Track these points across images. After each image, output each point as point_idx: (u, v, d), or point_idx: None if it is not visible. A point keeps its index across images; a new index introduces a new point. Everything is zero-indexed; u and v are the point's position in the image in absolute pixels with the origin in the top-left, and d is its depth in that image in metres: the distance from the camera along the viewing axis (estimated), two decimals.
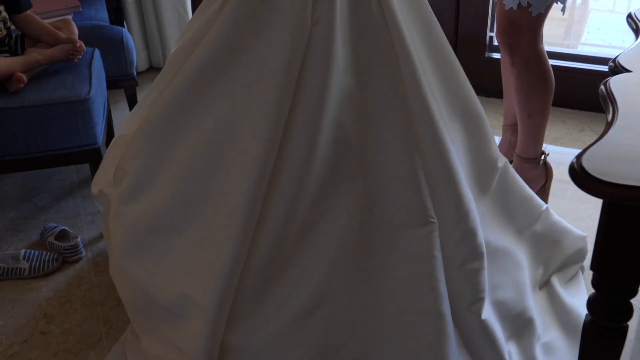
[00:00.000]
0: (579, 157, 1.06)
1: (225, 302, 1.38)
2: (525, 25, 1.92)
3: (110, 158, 1.72)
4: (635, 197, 0.99)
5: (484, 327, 1.47)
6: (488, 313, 1.48)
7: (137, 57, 3.00)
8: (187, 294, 1.42)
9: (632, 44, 1.39)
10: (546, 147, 2.53)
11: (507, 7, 1.91)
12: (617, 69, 1.30)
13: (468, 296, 1.46)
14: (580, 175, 1.03)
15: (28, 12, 2.10)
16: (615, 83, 1.23)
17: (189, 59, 1.46)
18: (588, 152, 1.06)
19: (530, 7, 1.87)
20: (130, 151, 1.55)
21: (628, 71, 1.29)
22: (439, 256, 1.41)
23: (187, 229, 1.45)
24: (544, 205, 1.84)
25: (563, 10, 1.94)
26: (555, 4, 1.90)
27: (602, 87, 1.24)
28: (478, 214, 1.48)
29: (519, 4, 1.87)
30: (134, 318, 1.58)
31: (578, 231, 1.92)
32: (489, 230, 1.56)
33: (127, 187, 1.54)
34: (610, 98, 1.19)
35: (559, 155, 2.53)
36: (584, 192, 1.02)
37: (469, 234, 1.44)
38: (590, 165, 1.03)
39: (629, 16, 1.51)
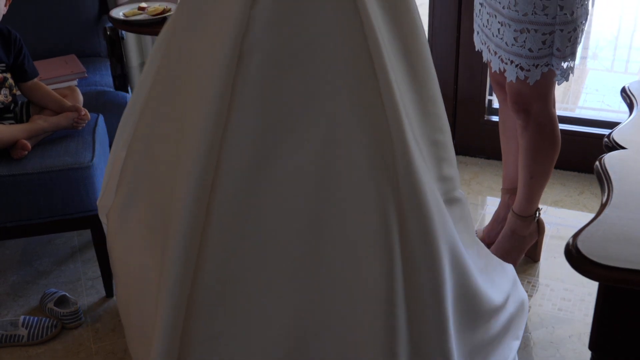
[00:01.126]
0: (574, 237, 1.07)
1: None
2: (534, 93, 1.94)
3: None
4: (632, 281, 0.99)
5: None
6: None
7: None
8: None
9: (627, 119, 1.42)
10: (546, 209, 2.55)
11: (507, 80, 1.94)
12: (611, 145, 1.32)
13: None
14: (575, 258, 1.03)
15: (35, 79, 2.14)
16: (610, 160, 1.25)
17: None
18: (583, 233, 1.07)
19: (527, 79, 1.90)
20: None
21: (623, 148, 1.30)
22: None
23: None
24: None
25: (558, 81, 1.96)
26: (553, 69, 1.90)
27: (597, 164, 1.26)
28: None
29: (517, 77, 1.91)
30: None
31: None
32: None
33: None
34: (605, 176, 1.20)
35: (559, 218, 2.54)
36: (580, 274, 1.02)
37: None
38: (585, 247, 1.04)
39: (623, 90, 1.53)
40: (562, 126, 2.75)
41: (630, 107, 1.47)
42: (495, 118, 2.86)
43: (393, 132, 1.35)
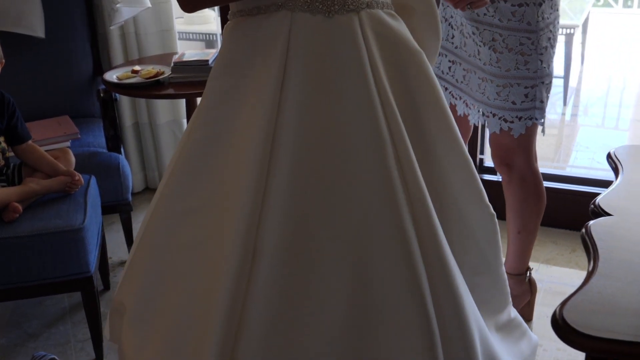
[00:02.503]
0: (561, 307, 1.07)
1: None
2: (517, 146, 1.97)
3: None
4: (617, 351, 0.99)
5: None
6: None
7: (133, 178, 3.05)
8: None
9: (613, 185, 1.43)
10: (538, 267, 2.54)
11: (490, 131, 1.98)
12: (597, 211, 1.33)
13: None
14: (562, 328, 1.03)
15: (29, 142, 2.16)
16: (596, 228, 1.25)
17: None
18: (570, 302, 1.07)
19: (511, 131, 1.93)
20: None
21: (609, 214, 1.31)
22: None
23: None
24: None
25: (543, 131, 2.00)
26: (535, 122, 1.94)
27: (583, 231, 1.26)
28: None
29: (501, 129, 1.94)
30: None
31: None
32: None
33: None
34: (591, 244, 1.21)
35: (552, 276, 2.53)
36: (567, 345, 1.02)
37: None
38: (571, 317, 1.03)
39: (609, 156, 1.55)
40: (553, 184, 2.80)
41: (616, 172, 1.48)
42: (487, 176, 2.88)
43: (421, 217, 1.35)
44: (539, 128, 1.99)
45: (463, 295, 1.36)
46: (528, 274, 2.19)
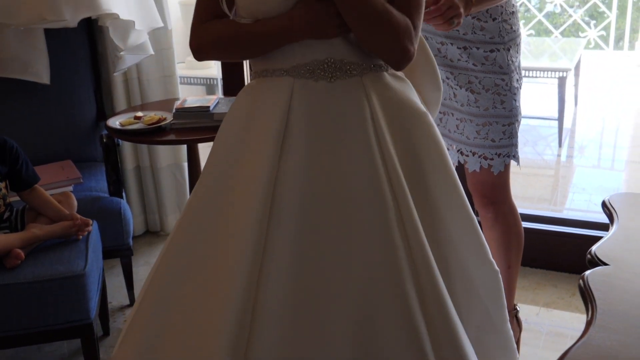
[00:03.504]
0: None
1: None
2: (498, 184, 2.04)
3: None
4: None
5: None
6: None
7: (134, 221, 3.06)
8: None
9: (608, 234, 1.45)
10: (539, 311, 2.55)
11: (470, 170, 2.04)
12: (594, 261, 1.35)
13: None
14: None
15: (36, 186, 2.18)
16: (593, 278, 1.27)
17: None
18: (569, 356, 1.08)
19: (491, 168, 2.00)
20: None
21: (605, 264, 1.33)
22: None
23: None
24: None
25: (518, 163, 2.05)
26: (512, 160, 2.02)
27: (580, 281, 1.28)
28: None
29: (481, 166, 2.00)
30: None
31: None
32: None
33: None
34: (588, 295, 1.23)
35: (552, 321, 2.54)
36: None
37: None
38: None
39: (604, 204, 1.58)
40: (551, 227, 2.83)
41: (611, 220, 1.50)
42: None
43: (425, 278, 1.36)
44: (514, 162, 2.05)
45: (469, 356, 1.37)
46: (516, 310, 2.22)
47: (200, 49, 1.47)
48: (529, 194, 3.63)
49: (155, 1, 2.75)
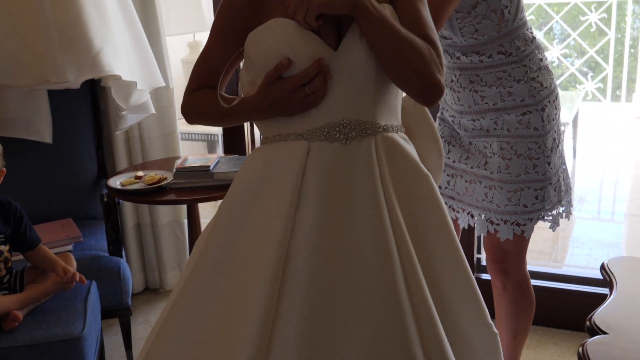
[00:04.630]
0: None
1: None
2: (516, 253, 2.01)
3: None
4: None
5: None
6: None
7: (134, 279, 3.06)
8: None
9: (607, 300, 1.45)
10: None
11: (502, 239, 1.98)
12: (593, 329, 1.34)
13: None
14: None
15: (40, 246, 2.19)
16: (592, 347, 1.27)
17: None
18: None
19: (524, 234, 1.96)
20: None
21: (604, 333, 1.33)
22: None
23: None
24: None
25: (552, 227, 2.02)
26: (542, 220, 1.97)
27: (579, 349, 1.27)
28: None
29: (514, 233, 1.96)
30: None
31: None
32: None
33: None
34: None
35: None
36: None
37: None
38: None
39: (602, 268, 1.58)
40: (552, 284, 2.81)
41: (610, 285, 1.50)
42: (484, 276, 2.89)
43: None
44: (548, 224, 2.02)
45: None
46: None
47: (188, 116, 1.55)
48: (529, 247, 3.61)
49: (158, 60, 2.80)
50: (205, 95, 1.50)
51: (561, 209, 2.02)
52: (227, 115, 1.48)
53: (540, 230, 3.91)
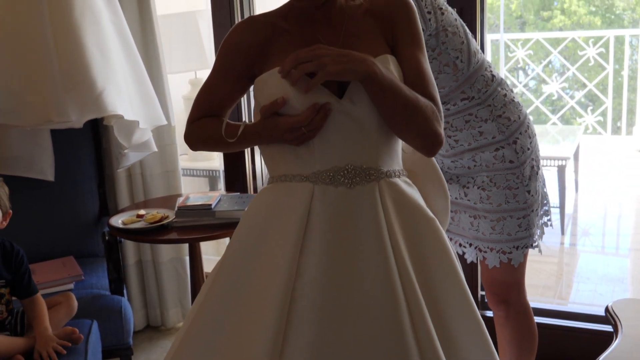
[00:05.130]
0: None
1: None
2: (512, 281, 2.02)
3: None
4: None
5: None
6: None
7: (135, 316, 3.04)
8: None
9: (613, 345, 1.43)
10: None
11: (490, 266, 2.01)
12: None
13: None
14: None
15: (37, 295, 2.16)
16: None
17: None
18: None
19: (511, 261, 1.98)
20: None
21: None
22: None
23: None
24: None
25: (540, 251, 2.05)
26: (530, 248, 2.01)
27: None
28: None
29: (501, 262, 1.98)
30: None
31: None
32: None
33: None
34: None
35: None
36: None
37: None
38: None
39: (607, 310, 1.56)
40: (555, 321, 2.78)
41: (615, 329, 1.49)
42: (490, 313, 2.87)
43: None
44: (531, 253, 2.04)
45: None
46: None
47: (191, 143, 1.57)
48: (534, 282, 3.60)
49: (159, 98, 2.81)
50: (209, 122, 1.52)
51: (545, 219, 2.06)
52: (231, 142, 1.49)
53: (544, 265, 3.91)
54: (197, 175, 3.76)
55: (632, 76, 6.40)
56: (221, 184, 3.81)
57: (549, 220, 2.08)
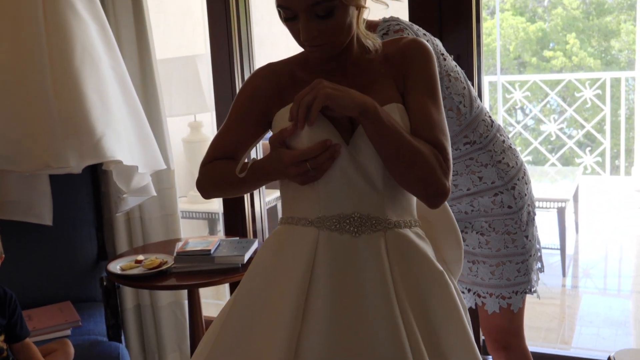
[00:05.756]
0: None
1: None
2: (510, 327, 2.00)
3: None
4: None
5: None
6: None
7: None
8: None
9: None
10: None
11: (489, 312, 2.00)
12: None
13: None
14: None
15: (26, 340, 2.14)
16: None
17: None
18: None
19: (510, 306, 1.97)
20: None
21: None
22: None
23: None
24: None
25: (538, 296, 2.05)
26: (529, 294, 2.00)
27: None
28: None
29: (500, 307, 1.97)
30: None
31: None
32: None
33: None
34: None
35: None
36: None
37: None
38: None
39: None
40: None
41: None
42: (490, 358, 2.83)
43: None
44: (531, 297, 2.04)
45: None
46: None
47: (202, 188, 1.55)
48: (536, 324, 3.57)
49: (159, 142, 2.82)
50: (221, 162, 1.51)
51: (539, 264, 2.06)
52: (242, 181, 1.47)
53: (546, 307, 3.87)
54: (197, 217, 3.75)
55: (629, 115, 6.45)
56: (221, 227, 3.80)
57: (542, 265, 2.08)
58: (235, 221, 3.12)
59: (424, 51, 1.45)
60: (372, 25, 1.89)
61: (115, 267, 2.48)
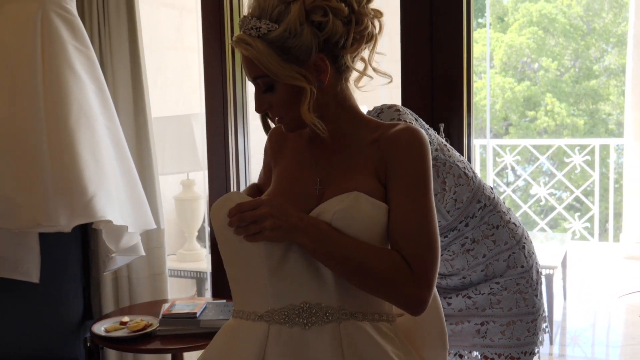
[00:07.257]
0: None
1: None
2: None
3: None
4: None
5: None
6: None
7: None
8: None
9: None
10: None
11: None
12: None
13: None
14: None
15: None
16: None
17: None
18: None
19: None
20: None
21: None
22: None
23: None
24: None
25: (539, 357, 2.02)
26: (534, 355, 1.97)
27: None
28: None
29: None
30: None
31: None
32: None
33: None
34: None
35: None
36: None
37: None
38: None
39: None
40: None
41: None
42: None
43: None
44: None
45: None
46: None
47: None
48: None
49: (150, 201, 2.82)
50: None
51: (545, 324, 2.05)
52: None
53: None
54: (185, 276, 3.72)
55: (617, 180, 6.52)
56: (209, 286, 3.77)
57: (547, 326, 2.07)
58: (223, 282, 3.08)
59: (415, 143, 1.34)
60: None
61: (100, 328, 2.46)
